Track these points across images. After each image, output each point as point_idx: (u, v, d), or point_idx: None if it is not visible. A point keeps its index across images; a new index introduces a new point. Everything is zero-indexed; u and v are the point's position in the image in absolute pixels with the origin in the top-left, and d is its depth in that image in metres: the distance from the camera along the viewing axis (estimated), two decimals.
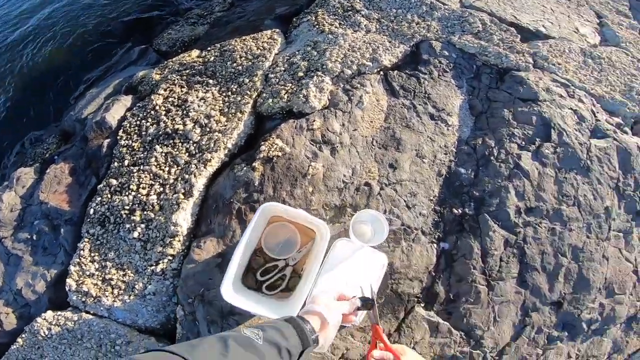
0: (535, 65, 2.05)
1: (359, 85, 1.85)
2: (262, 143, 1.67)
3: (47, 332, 1.70)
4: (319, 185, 1.56)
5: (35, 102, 3.18)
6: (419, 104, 1.82)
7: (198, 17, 2.73)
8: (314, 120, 1.71)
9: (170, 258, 1.65)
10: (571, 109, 1.91)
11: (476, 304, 1.54)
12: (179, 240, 1.65)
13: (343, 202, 1.55)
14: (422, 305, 1.55)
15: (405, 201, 1.57)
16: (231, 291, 1.28)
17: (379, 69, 1.95)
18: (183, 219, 1.65)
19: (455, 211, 1.59)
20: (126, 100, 2.29)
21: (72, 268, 1.76)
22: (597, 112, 2.00)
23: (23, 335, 1.75)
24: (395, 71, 1.96)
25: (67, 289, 1.72)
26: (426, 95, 1.86)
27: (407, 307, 1.54)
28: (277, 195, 1.54)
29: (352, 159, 1.63)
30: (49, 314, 1.73)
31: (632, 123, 2.04)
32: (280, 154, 1.61)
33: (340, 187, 1.57)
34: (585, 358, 1.57)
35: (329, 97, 1.83)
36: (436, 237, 1.58)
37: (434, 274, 1.57)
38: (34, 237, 2.09)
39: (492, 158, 1.69)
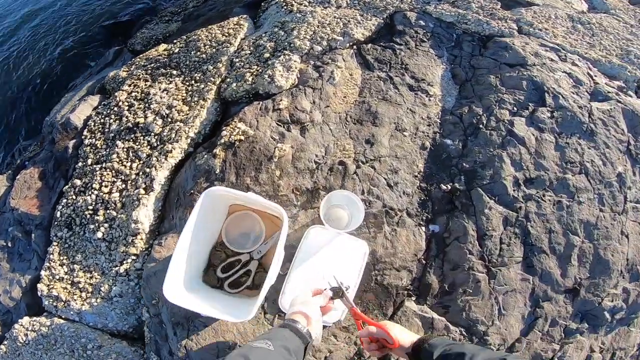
0: (520, 32, 1.75)
1: (330, 61, 1.57)
2: (224, 128, 1.40)
3: (24, 338, 1.50)
4: (287, 167, 1.28)
5: (24, 113, 2.98)
6: (396, 76, 1.53)
7: (172, 15, 2.49)
8: (281, 100, 1.43)
9: (134, 258, 1.39)
10: (565, 72, 1.60)
11: (476, 295, 1.23)
12: (142, 239, 1.39)
13: (315, 184, 1.26)
14: (413, 298, 1.25)
15: (385, 179, 1.28)
16: (176, 291, 1.01)
17: (351, 43, 1.66)
18: (144, 216, 1.39)
19: (444, 187, 1.29)
20: (93, 100, 2.04)
21: (42, 273, 1.54)
22: (595, 76, 1.68)
23: (5, 342, 1.56)
24: (369, 44, 1.67)
25: (39, 294, 1.50)
26: (403, 66, 1.57)
27: (395, 302, 1.24)
28: (240, 182, 1.27)
29: (325, 137, 1.35)
30: (26, 319, 1.53)
31: (636, 87, 1.72)
32: (242, 137, 1.34)
33: (311, 169, 1.28)
34: (612, 351, 1.24)
35: (298, 76, 1.55)
36: (424, 218, 1.28)
37: (424, 261, 1.27)
38: (9, 244, 1.86)
39: (481, 126, 1.39)
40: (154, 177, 1.43)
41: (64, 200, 1.64)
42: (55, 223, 1.63)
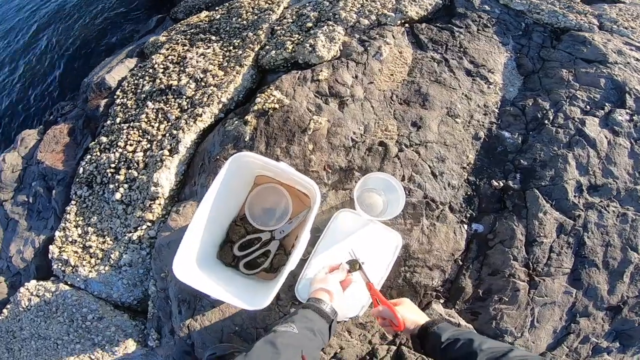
0: (601, 28, 1.53)
1: (377, 36, 1.42)
2: (258, 95, 1.28)
3: (27, 303, 1.46)
4: (321, 142, 1.14)
5: (66, 74, 3.00)
6: (453, 59, 1.36)
7: None
8: (321, 71, 1.30)
9: (149, 224, 1.31)
10: None
11: (512, 304, 1.09)
12: (159, 204, 1.30)
13: (350, 164, 1.12)
14: (442, 301, 1.12)
15: (430, 167, 1.12)
16: (187, 267, 0.90)
17: (403, 21, 1.50)
18: (165, 179, 1.30)
19: (495, 183, 1.12)
20: (130, 63, 1.99)
21: (57, 234, 1.49)
22: None
23: (8, 306, 1.53)
24: (424, 24, 1.50)
25: (50, 256, 1.45)
26: (462, 49, 1.39)
27: (421, 303, 1.11)
28: (270, 152, 1.15)
29: (365, 114, 1.20)
30: (32, 283, 1.48)
31: None
32: (277, 106, 1.21)
33: (347, 146, 1.14)
34: None
35: (341, 48, 1.41)
36: (468, 215, 1.12)
37: (460, 263, 1.11)
38: (31, 200, 1.84)
39: (546, 122, 1.20)
40: (180, 140, 1.34)
41: (88, 157, 1.58)
42: (77, 180, 1.57)
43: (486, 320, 1.11)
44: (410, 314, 0.87)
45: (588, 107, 1.24)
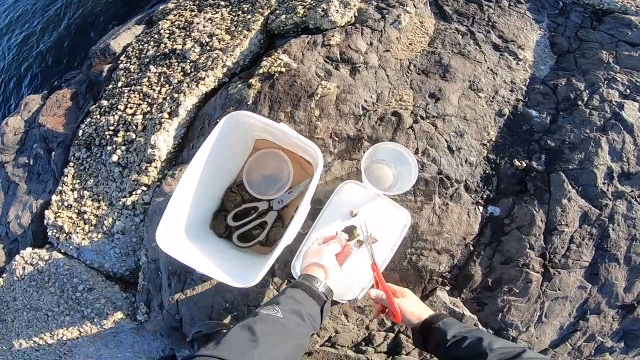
0: None
1: (397, 5, 1.29)
2: (264, 59, 1.18)
3: (21, 272, 1.41)
4: (328, 108, 1.04)
5: (75, 44, 2.93)
6: (479, 32, 1.23)
7: None
8: (333, 36, 1.19)
9: (144, 189, 1.23)
10: None
11: (521, 296, 1.01)
12: (156, 167, 1.22)
13: (359, 133, 1.02)
14: (447, 288, 1.03)
15: (447, 141, 1.01)
16: (174, 237, 0.81)
17: None
18: (163, 141, 1.22)
19: (518, 163, 1.01)
20: (137, 30, 1.90)
21: (53, 198, 1.43)
22: None
23: (4, 275, 1.48)
24: None
25: (45, 222, 1.39)
26: (490, 23, 1.26)
27: (425, 289, 1.02)
28: (274, 117, 1.05)
29: (379, 82, 1.09)
30: (27, 251, 1.43)
31: None
32: (284, 70, 1.11)
33: (357, 114, 1.04)
34: None
35: (356, 14, 1.29)
36: (484, 196, 1.01)
37: (472, 248, 1.01)
38: (31, 162, 1.79)
39: (579, 103, 1.07)
40: (180, 103, 1.25)
41: (88, 119, 1.51)
42: (76, 142, 1.51)
43: (492, 312, 1.02)
44: (410, 305, 0.78)
45: (628, 90, 1.11)
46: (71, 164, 1.47)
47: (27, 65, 2.88)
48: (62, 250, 1.36)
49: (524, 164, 1.01)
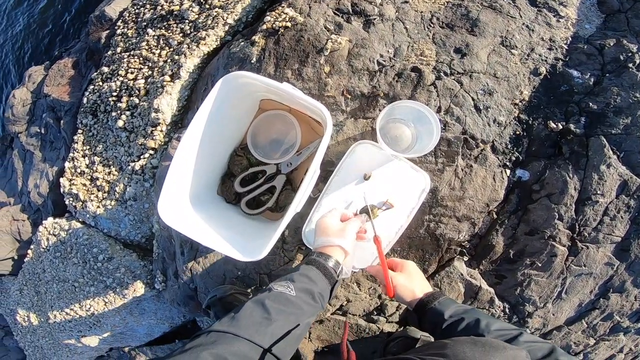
0: None
1: None
2: (268, 14, 1.05)
3: (46, 244, 1.41)
4: (340, 64, 0.92)
5: (73, 12, 2.80)
6: None
7: None
8: None
9: (152, 152, 1.17)
10: None
11: (544, 270, 0.91)
12: (161, 130, 1.15)
13: (375, 90, 0.90)
14: (465, 259, 0.94)
15: (474, 99, 0.88)
16: (177, 207, 0.73)
17: None
18: (166, 104, 1.13)
19: (553, 125, 0.87)
20: None
21: (66, 165, 1.39)
22: None
23: (32, 247, 1.49)
24: None
25: (61, 190, 1.36)
26: None
27: (442, 259, 0.93)
28: (280, 75, 0.94)
29: (397, 36, 0.95)
30: (49, 221, 1.42)
31: None
32: (289, 24, 0.98)
33: (372, 70, 0.91)
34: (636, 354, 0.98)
35: None
36: (512, 159, 0.89)
37: (495, 216, 0.91)
38: (43, 131, 1.75)
39: (630, 65, 0.91)
40: (182, 65, 1.14)
41: (91, 87, 1.44)
42: (82, 109, 1.45)
43: (510, 286, 0.94)
44: (406, 281, 0.74)
45: None
46: (80, 131, 1.42)
47: (26, 36, 2.79)
48: (80, 220, 1.34)
49: (560, 126, 0.87)
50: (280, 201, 0.90)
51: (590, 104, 0.90)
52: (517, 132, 0.88)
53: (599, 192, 0.89)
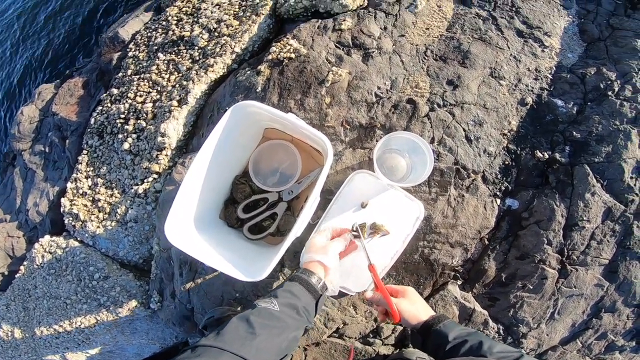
0: None
1: None
2: (274, 45, 1.12)
3: (41, 260, 1.42)
4: (340, 95, 0.98)
5: (89, 33, 2.89)
6: (502, 17, 1.13)
7: None
8: (344, 20, 1.11)
9: (155, 177, 1.21)
10: None
11: (535, 292, 0.96)
12: (166, 155, 1.19)
13: (372, 121, 0.96)
14: (459, 282, 0.98)
15: (465, 130, 0.94)
16: (182, 229, 0.78)
17: None
18: (173, 129, 1.18)
19: (540, 155, 0.93)
20: (145, 17, 1.85)
21: (69, 185, 1.42)
22: None
23: (25, 263, 1.50)
24: None
25: (61, 210, 1.39)
26: (514, 8, 1.15)
27: (437, 282, 0.97)
28: (283, 104, 1.00)
29: (394, 68, 1.02)
30: (46, 239, 1.44)
31: None
32: (293, 55, 1.05)
33: (370, 102, 0.97)
34: None
35: None
36: (502, 189, 0.94)
37: (487, 242, 0.96)
38: (47, 150, 1.79)
39: (609, 93, 0.98)
40: (189, 90, 1.20)
41: (100, 108, 1.49)
42: (89, 130, 1.49)
43: (503, 308, 0.98)
44: (409, 306, 0.76)
45: None
46: (85, 151, 1.45)
47: (39, 54, 2.87)
48: (79, 239, 1.36)
49: (547, 156, 0.93)
50: (281, 226, 0.94)
51: (574, 132, 0.96)
52: (506, 162, 0.93)
53: (585, 218, 0.94)
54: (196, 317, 1.08)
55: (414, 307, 0.76)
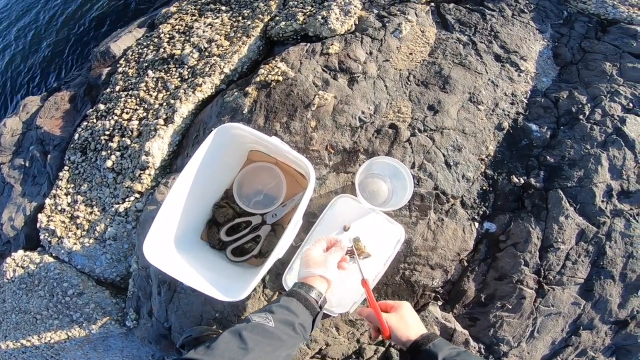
0: None
1: (398, 13, 1.28)
2: (262, 67, 1.16)
3: (12, 275, 1.40)
4: (325, 119, 1.03)
5: (80, 45, 2.91)
6: (481, 42, 1.21)
7: None
8: (332, 44, 1.17)
9: (137, 196, 1.22)
10: None
11: (514, 312, 1.00)
12: (149, 174, 1.21)
13: (355, 145, 1.01)
14: (439, 303, 1.02)
15: (444, 156, 0.99)
16: (161, 249, 0.79)
17: None
18: (158, 148, 1.21)
19: (516, 180, 0.99)
20: (138, 33, 1.89)
21: (47, 201, 1.42)
22: None
23: None
24: (452, 4, 1.35)
25: (38, 225, 1.38)
26: (492, 33, 1.24)
27: (418, 303, 1.01)
28: (269, 127, 1.04)
29: (377, 93, 1.08)
30: (19, 253, 1.42)
31: None
32: (281, 78, 1.10)
33: (354, 126, 1.02)
34: None
35: (356, 22, 1.27)
36: (480, 213, 0.99)
37: (466, 264, 1.00)
38: (27, 164, 1.78)
39: (580, 117, 1.05)
40: (176, 109, 1.24)
41: (85, 123, 1.51)
42: (72, 145, 1.50)
43: (484, 327, 1.01)
44: (400, 323, 0.76)
45: (631, 104, 1.09)
46: (66, 167, 1.46)
47: (28, 64, 2.88)
48: (54, 254, 1.35)
49: (522, 181, 0.99)
50: (264, 249, 0.97)
51: (548, 157, 1.02)
52: (484, 188, 0.99)
53: (559, 240, 0.99)
54: (174, 336, 1.08)
55: (404, 324, 0.76)
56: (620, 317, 1.02)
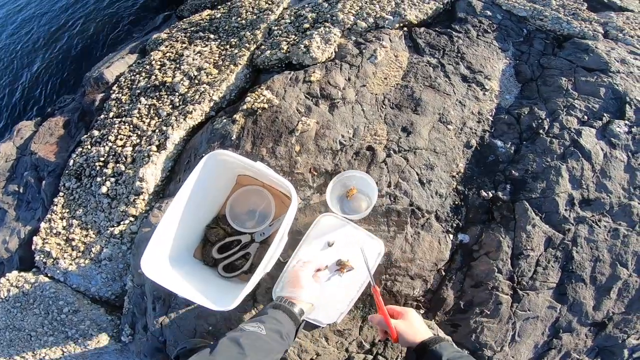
0: (606, 36, 1.51)
1: (374, 39, 1.42)
2: (248, 95, 1.28)
3: (6, 294, 1.45)
4: (308, 144, 1.14)
5: (72, 69, 3.02)
6: (449, 64, 1.35)
7: None
8: (314, 72, 1.30)
9: (132, 220, 1.31)
10: None
11: (493, 317, 1.09)
12: (143, 199, 1.31)
13: (337, 167, 1.12)
14: (422, 312, 1.11)
15: (418, 174, 1.11)
16: (158, 264, 0.90)
17: (401, 25, 1.50)
18: (151, 174, 1.30)
19: (484, 194, 1.10)
20: (130, 59, 2.02)
21: (42, 225, 1.49)
22: None
23: None
24: (422, 28, 1.49)
25: (33, 247, 1.45)
26: (459, 54, 1.38)
27: None
28: (256, 152, 1.15)
29: (356, 117, 1.20)
30: (13, 274, 1.48)
31: None
32: (266, 106, 1.21)
33: (335, 149, 1.14)
34: None
35: (336, 50, 1.41)
36: (454, 225, 1.10)
37: (443, 273, 1.10)
38: (21, 190, 1.86)
39: (541, 132, 1.18)
40: (168, 136, 1.34)
41: (79, 149, 1.60)
42: (67, 172, 1.59)
43: (466, 333, 1.10)
44: (407, 327, 0.88)
45: (585, 117, 1.22)
46: (61, 193, 1.54)
47: (21, 89, 2.97)
48: (49, 275, 1.41)
49: (490, 195, 1.11)
50: (254, 264, 1.06)
51: (513, 171, 1.14)
52: (456, 202, 1.10)
53: (528, 247, 1.10)
54: (168, 350, 1.16)
55: (411, 328, 0.88)
56: (597, 318, 1.11)
